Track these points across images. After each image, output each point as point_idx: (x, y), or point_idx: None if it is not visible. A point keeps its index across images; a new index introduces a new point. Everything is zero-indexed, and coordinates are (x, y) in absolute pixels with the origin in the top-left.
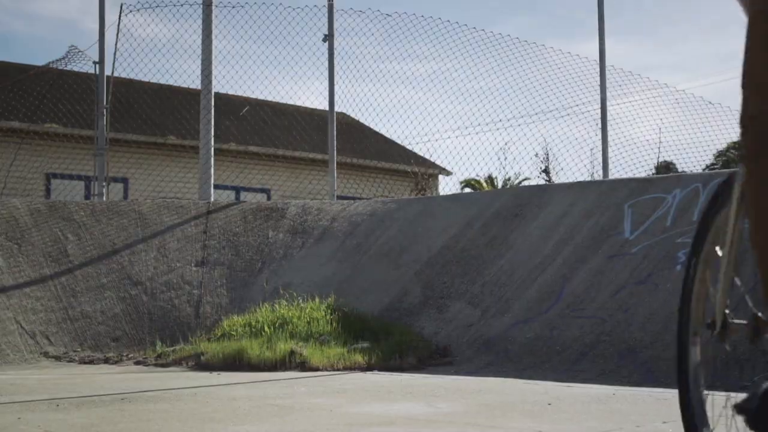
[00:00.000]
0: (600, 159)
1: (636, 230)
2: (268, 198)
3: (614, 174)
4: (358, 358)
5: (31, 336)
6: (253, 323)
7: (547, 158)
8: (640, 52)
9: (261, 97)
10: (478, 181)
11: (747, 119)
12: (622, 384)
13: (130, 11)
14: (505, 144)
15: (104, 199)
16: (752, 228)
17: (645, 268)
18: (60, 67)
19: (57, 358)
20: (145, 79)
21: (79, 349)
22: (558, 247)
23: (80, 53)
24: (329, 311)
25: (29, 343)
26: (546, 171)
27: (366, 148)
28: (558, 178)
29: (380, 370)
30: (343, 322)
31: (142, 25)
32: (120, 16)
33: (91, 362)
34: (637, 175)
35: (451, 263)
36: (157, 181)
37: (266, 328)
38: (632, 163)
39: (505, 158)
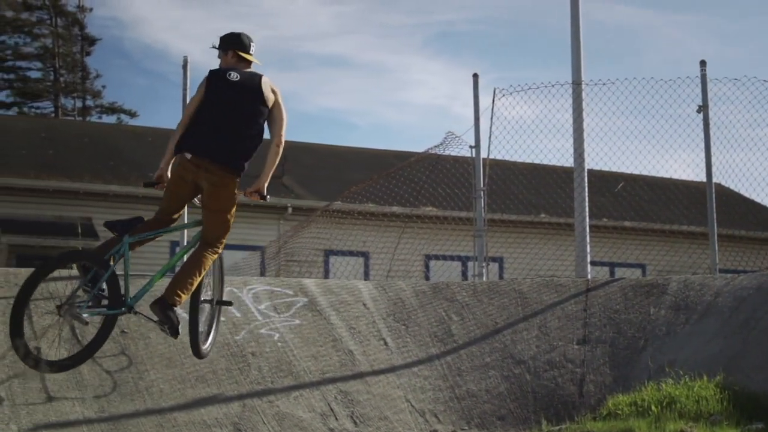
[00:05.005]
0: None
1: None
2: (643, 273)
3: None
4: None
5: (420, 414)
6: (639, 402)
7: None
8: None
9: (634, 171)
10: None
11: None
12: None
13: (503, 95)
14: None
15: (484, 279)
16: None
17: None
18: (438, 153)
19: None
20: (518, 160)
21: (466, 428)
22: None
23: (456, 138)
24: (718, 390)
25: (419, 421)
26: None
27: (746, 219)
28: None
29: None
30: (733, 401)
31: (515, 107)
32: (493, 101)
33: None
34: None
35: None
36: (534, 260)
37: (653, 408)
38: None
39: None
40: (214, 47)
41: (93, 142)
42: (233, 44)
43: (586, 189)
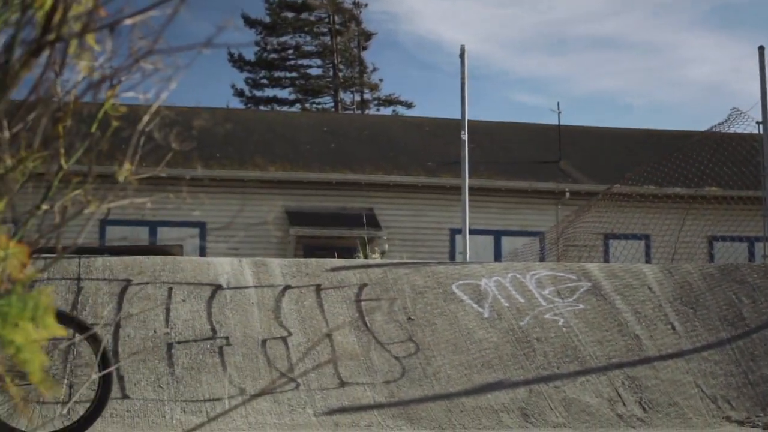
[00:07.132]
0: None
1: None
2: None
3: None
4: None
5: (712, 400)
6: None
7: None
8: None
9: None
10: None
11: None
12: None
13: None
14: None
15: None
16: None
17: None
18: (723, 131)
19: (740, 423)
20: None
21: (761, 414)
22: None
23: (742, 115)
24: None
25: (711, 408)
26: None
27: None
28: None
29: None
30: None
31: None
32: None
33: None
34: None
35: None
36: None
37: None
38: None
39: None
40: None
41: (372, 134)
42: None
43: None
